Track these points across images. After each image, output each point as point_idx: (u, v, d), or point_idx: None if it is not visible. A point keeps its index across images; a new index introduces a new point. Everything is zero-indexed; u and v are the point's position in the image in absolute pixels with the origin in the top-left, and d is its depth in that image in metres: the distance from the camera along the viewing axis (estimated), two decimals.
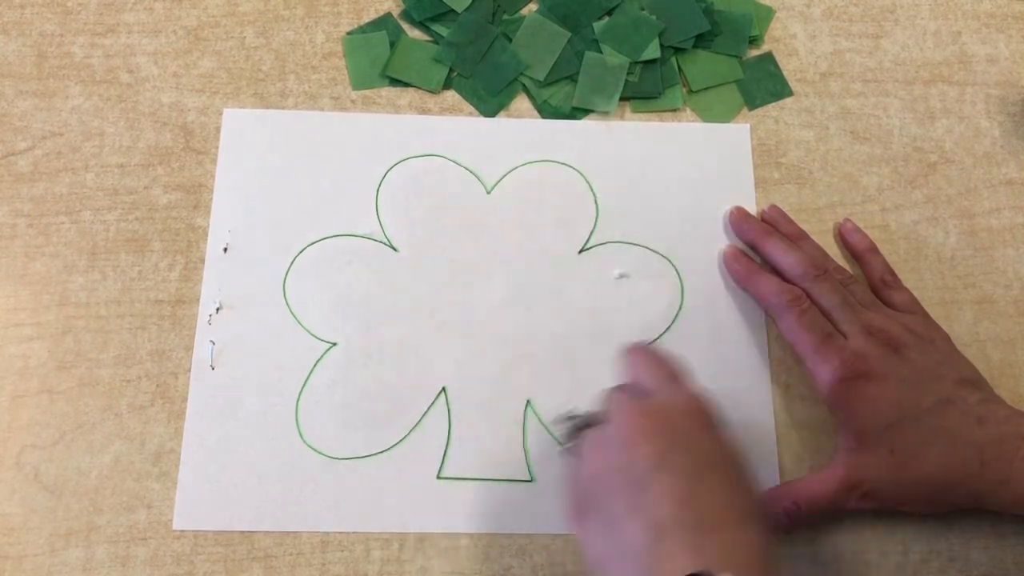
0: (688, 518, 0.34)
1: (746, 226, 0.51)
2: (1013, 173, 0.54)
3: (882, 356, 0.44)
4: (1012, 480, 0.42)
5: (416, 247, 0.51)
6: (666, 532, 0.34)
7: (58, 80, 0.54)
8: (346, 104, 0.54)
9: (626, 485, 0.36)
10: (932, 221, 0.53)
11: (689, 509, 0.34)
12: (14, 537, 0.45)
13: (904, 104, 0.56)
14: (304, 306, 0.49)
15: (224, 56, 0.55)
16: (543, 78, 0.55)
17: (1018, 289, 0.52)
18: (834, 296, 0.46)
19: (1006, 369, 0.50)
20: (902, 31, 0.58)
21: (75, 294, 0.49)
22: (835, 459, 0.44)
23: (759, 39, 0.57)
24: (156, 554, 0.45)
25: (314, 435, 0.47)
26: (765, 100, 0.56)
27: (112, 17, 0.55)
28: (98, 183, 0.51)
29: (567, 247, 0.52)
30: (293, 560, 0.45)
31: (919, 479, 0.43)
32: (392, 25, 0.56)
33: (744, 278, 0.50)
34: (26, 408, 0.47)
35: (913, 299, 0.49)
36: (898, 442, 0.43)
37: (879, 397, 0.43)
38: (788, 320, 0.46)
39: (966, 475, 0.42)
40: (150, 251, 0.50)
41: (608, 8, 0.56)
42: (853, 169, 0.54)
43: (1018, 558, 0.46)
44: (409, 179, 0.52)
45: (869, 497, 0.43)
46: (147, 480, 0.46)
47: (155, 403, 0.47)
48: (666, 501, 0.34)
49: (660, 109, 0.55)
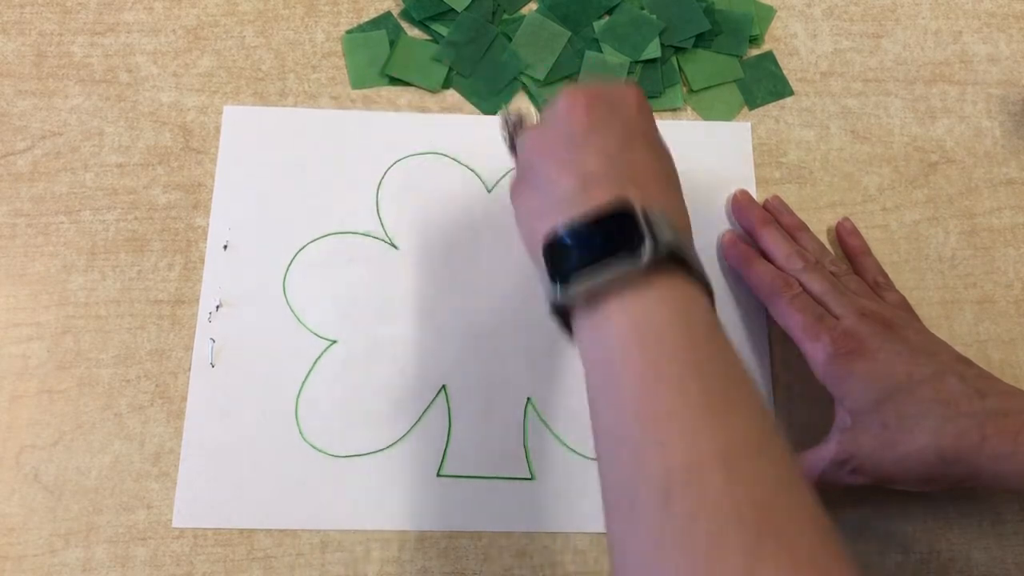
0: (617, 171, 0.36)
1: (746, 212, 0.52)
2: (1014, 173, 0.54)
3: (875, 333, 0.44)
4: (1017, 455, 0.40)
5: (416, 245, 0.51)
6: (594, 181, 0.36)
7: (57, 80, 0.54)
8: (346, 103, 0.54)
9: (562, 147, 0.38)
10: (932, 221, 0.53)
11: (618, 164, 0.37)
12: (14, 537, 0.45)
13: (905, 104, 0.56)
14: (304, 304, 0.49)
15: (224, 55, 0.55)
16: (543, 78, 0.55)
17: (1018, 289, 0.52)
18: (824, 283, 0.47)
19: (1006, 369, 0.50)
20: (903, 30, 0.58)
21: (74, 294, 0.49)
22: (830, 435, 0.45)
23: (759, 38, 0.57)
24: (156, 554, 0.45)
25: (314, 433, 0.47)
26: (765, 100, 0.55)
27: (111, 16, 0.55)
28: (97, 183, 0.51)
29: None
30: (293, 560, 0.45)
31: (911, 453, 0.42)
32: (392, 24, 0.56)
33: (740, 263, 0.50)
34: (26, 408, 0.47)
35: (904, 302, 0.49)
36: (891, 416, 0.42)
37: (870, 372, 0.43)
38: (780, 304, 0.47)
39: (965, 448, 0.41)
40: (150, 251, 0.50)
41: (608, 8, 0.56)
42: (853, 169, 0.54)
43: (1018, 558, 0.46)
44: (409, 177, 0.52)
45: (860, 472, 0.43)
46: (147, 480, 0.46)
47: (155, 403, 0.47)
48: (597, 156, 0.37)
49: (660, 109, 0.55)
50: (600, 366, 0.33)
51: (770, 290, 0.47)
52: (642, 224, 0.33)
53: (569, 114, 0.38)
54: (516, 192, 0.41)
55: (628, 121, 0.39)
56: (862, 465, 0.43)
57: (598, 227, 0.34)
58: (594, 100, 0.39)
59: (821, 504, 0.30)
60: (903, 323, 0.45)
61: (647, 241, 0.33)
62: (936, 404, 0.42)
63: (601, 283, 0.33)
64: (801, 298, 0.46)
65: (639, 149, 0.38)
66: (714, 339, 0.34)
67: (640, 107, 0.40)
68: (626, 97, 0.40)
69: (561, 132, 0.38)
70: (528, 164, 0.40)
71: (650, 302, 0.33)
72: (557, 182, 0.37)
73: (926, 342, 0.45)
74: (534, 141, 0.40)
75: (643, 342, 0.32)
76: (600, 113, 0.38)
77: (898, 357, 0.43)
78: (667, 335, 0.32)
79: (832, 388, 0.45)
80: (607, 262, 0.33)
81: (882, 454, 0.42)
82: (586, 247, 0.34)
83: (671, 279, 0.33)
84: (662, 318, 0.33)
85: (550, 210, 0.36)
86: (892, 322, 0.45)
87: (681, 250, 0.34)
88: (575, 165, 0.37)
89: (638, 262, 0.33)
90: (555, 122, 0.39)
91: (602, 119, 0.38)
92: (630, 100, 0.40)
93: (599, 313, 0.33)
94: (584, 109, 0.38)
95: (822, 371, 0.44)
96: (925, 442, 0.41)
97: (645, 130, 0.40)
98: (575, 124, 0.38)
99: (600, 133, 0.38)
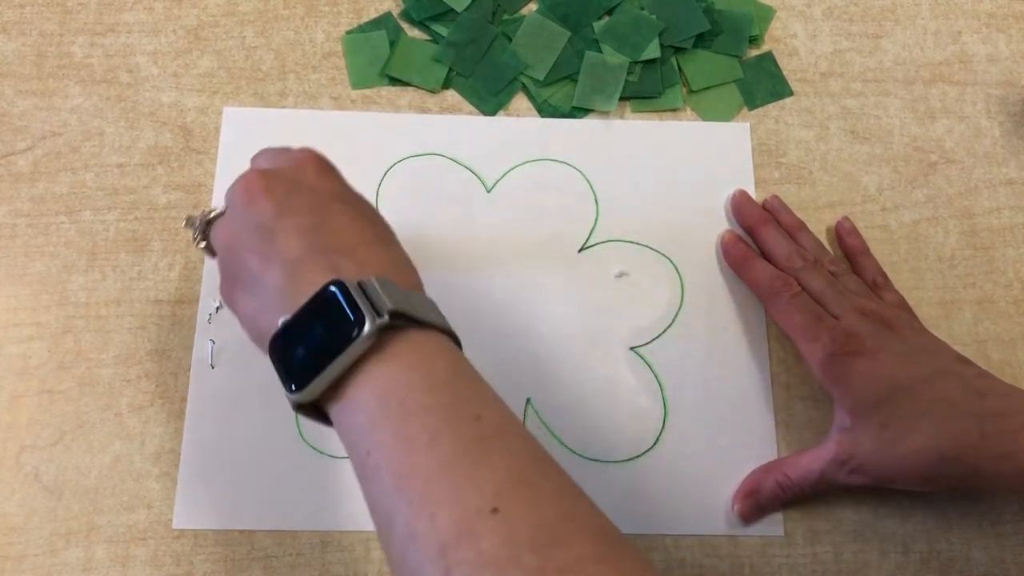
0: (319, 246, 0.34)
1: (745, 211, 0.52)
2: (1013, 173, 0.54)
3: (874, 332, 0.44)
4: (1016, 454, 0.41)
5: (416, 246, 0.51)
6: (300, 264, 0.34)
7: (58, 80, 0.54)
8: (346, 104, 0.54)
9: (255, 240, 0.35)
10: (932, 221, 0.53)
11: (318, 238, 0.35)
12: (14, 537, 0.45)
13: (904, 104, 0.56)
14: None
15: (224, 56, 0.55)
16: (543, 78, 0.55)
17: (1018, 289, 0.52)
18: (823, 282, 0.47)
19: (1006, 369, 0.50)
20: (902, 31, 0.58)
21: (75, 294, 0.49)
22: (829, 436, 0.45)
23: (759, 39, 0.57)
24: (156, 554, 0.45)
25: (314, 434, 0.47)
26: (765, 100, 0.56)
27: (112, 17, 0.55)
28: (98, 183, 0.51)
29: (567, 246, 0.52)
30: (293, 560, 0.45)
31: (911, 452, 0.42)
32: (392, 24, 0.56)
33: (739, 263, 0.50)
34: (26, 408, 0.47)
35: (903, 302, 0.49)
36: (891, 416, 0.42)
37: (870, 372, 0.43)
38: (778, 304, 0.47)
39: (964, 448, 0.41)
40: (150, 251, 0.50)
41: (608, 8, 0.56)
42: (853, 169, 0.54)
43: (1018, 558, 0.46)
44: (409, 178, 0.52)
45: (859, 472, 0.43)
46: (147, 480, 0.46)
47: (155, 403, 0.47)
48: (295, 238, 0.34)
49: (660, 109, 0.55)
50: (357, 448, 0.32)
51: (769, 290, 0.48)
52: (357, 299, 0.31)
53: (251, 204, 0.36)
54: (228, 296, 0.38)
55: (314, 190, 0.37)
56: (862, 465, 0.43)
57: (316, 316, 0.32)
58: (271, 182, 0.36)
59: (603, 513, 0.30)
60: (902, 323, 0.45)
61: (367, 315, 0.31)
62: (936, 404, 0.42)
63: (335, 373, 0.32)
64: (800, 298, 0.46)
65: (335, 215, 0.36)
66: (459, 382, 0.32)
67: (319, 170, 0.38)
68: (303, 165, 0.38)
69: (250, 222, 0.36)
70: (229, 262, 0.37)
71: (387, 369, 0.32)
72: (263, 277, 0.35)
73: (925, 342, 0.45)
74: (225, 235, 0.37)
75: (388, 413, 0.31)
76: (281, 192, 0.36)
77: (897, 357, 0.43)
78: (409, 398, 0.31)
79: (831, 388, 0.45)
80: (333, 350, 0.31)
81: (882, 454, 0.42)
82: (309, 340, 0.32)
83: (403, 339, 0.32)
84: (401, 382, 0.31)
85: (266, 308, 0.34)
86: (891, 322, 0.45)
87: (405, 308, 0.32)
88: (276, 255, 0.35)
89: (364, 340, 0.31)
90: (239, 211, 0.36)
91: (286, 197, 0.36)
92: (308, 167, 0.38)
93: (343, 398, 0.32)
94: (264, 194, 0.36)
95: (821, 371, 0.44)
96: (925, 442, 0.41)
97: (335, 192, 0.37)
98: (261, 213, 0.35)
99: (289, 214, 0.35)
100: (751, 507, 0.45)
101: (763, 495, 0.45)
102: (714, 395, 0.48)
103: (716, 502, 0.46)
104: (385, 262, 0.36)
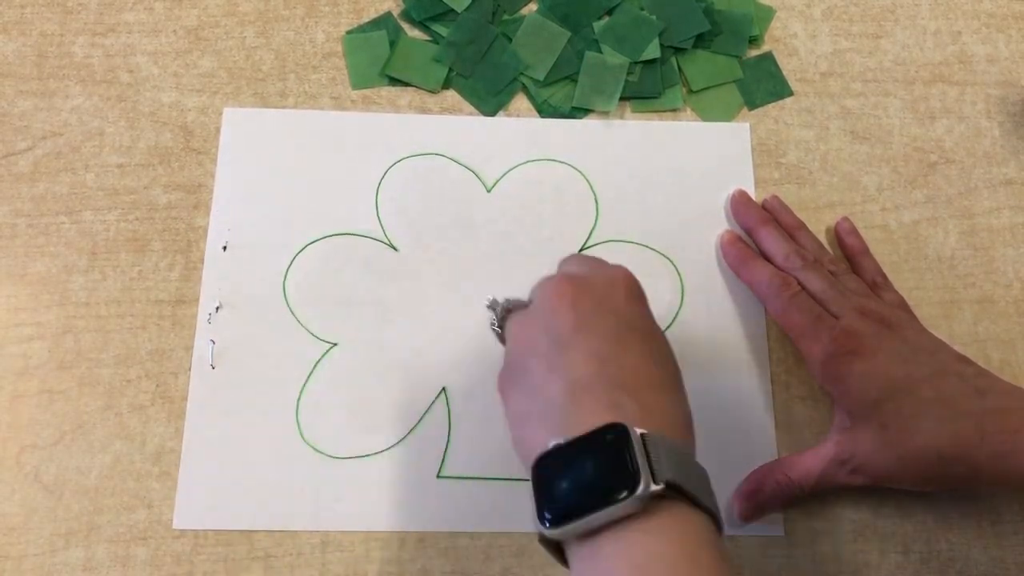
0: (608, 376, 0.34)
1: (744, 211, 0.52)
2: (1013, 173, 0.54)
3: (874, 332, 0.44)
4: (1016, 453, 0.40)
5: (416, 246, 0.51)
6: (585, 389, 0.33)
7: (58, 80, 0.54)
8: (346, 104, 0.54)
9: (548, 347, 0.35)
10: (932, 221, 0.53)
11: (609, 368, 0.34)
12: (14, 537, 0.45)
13: (904, 104, 0.56)
14: (304, 305, 0.49)
15: (224, 56, 0.55)
16: (543, 78, 0.55)
17: (1018, 289, 0.52)
18: (823, 282, 0.47)
19: (1006, 369, 0.50)
20: (902, 31, 0.58)
21: (75, 294, 0.49)
22: (829, 436, 0.45)
23: (759, 39, 0.57)
24: (156, 554, 0.45)
25: (314, 434, 0.47)
26: (765, 100, 0.56)
27: (112, 17, 0.55)
28: (98, 183, 0.51)
29: (567, 246, 0.52)
30: (293, 560, 0.45)
31: (911, 452, 0.41)
32: (392, 25, 0.56)
33: (738, 263, 0.50)
34: (26, 408, 0.47)
35: (903, 302, 0.49)
36: (891, 416, 0.42)
37: (869, 372, 0.43)
38: (778, 304, 0.47)
39: (964, 447, 0.41)
40: (150, 251, 0.50)
41: (608, 8, 0.56)
42: (853, 169, 0.54)
43: (1018, 558, 0.46)
44: (409, 178, 0.52)
45: (859, 472, 0.43)
46: (147, 480, 0.46)
47: (155, 403, 0.47)
48: (587, 360, 0.34)
49: (660, 109, 0.55)
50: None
51: (769, 290, 0.48)
52: (638, 453, 0.30)
53: (555, 309, 0.36)
54: (505, 386, 0.37)
55: (619, 314, 0.36)
56: (862, 465, 0.43)
57: (589, 453, 0.31)
58: (580, 293, 0.36)
59: None
60: (902, 323, 0.45)
61: (643, 476, 0.30)
62: (935, 404, 0.42)
63: (595, 524, 0.30)
64: (800, 298, 0.46)
65: (631, 348, 0.35)
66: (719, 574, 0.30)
67: (630, 295, 0.37)
68: (615, 285, 0.37)
69: (547, 327, 0.35)
70: (515, 358, 0.37)
71: (649, 542, 0.30)
72: (544, 388, 0.34)
73: (925, 342, 0.45)
74: (520, 332, 0.37)
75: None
76: (587, 307, 0.35)
77: (897, 357, 0.43)
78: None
79: (831, 388, 0.45)
80: (599, 497, 0.30)
81: (882, 454, 0.42)
82: (577, 476, 0.31)
83: (672, 513, 0.30)
84: (663, 558, 0.30)
85: (539, 418, 0.34)
86: (891, 322, 0.45)
87: (681, 481, 0.31)
88: (563, 370, 0.34)
89: (634, 501, 0.29)
90: (541, 314, 0.36)
91: (590, 314, 0.35)
92: (619, 288, 0.37)
93: (594, 547, 0.30)
94: (570, 304, 0.35)
95: (821, 371, 0.44)
96: (925, 442, 0.41)
97: (638, 323, 0.37)
98: (561, 322, 0.35)
99: (588, 332, 0.35)
100: (751, 507, 0.45)
101: (763, 495, 0.45)
102: (714, 395, 0.48)
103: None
104: (666, 411, 0.34)
